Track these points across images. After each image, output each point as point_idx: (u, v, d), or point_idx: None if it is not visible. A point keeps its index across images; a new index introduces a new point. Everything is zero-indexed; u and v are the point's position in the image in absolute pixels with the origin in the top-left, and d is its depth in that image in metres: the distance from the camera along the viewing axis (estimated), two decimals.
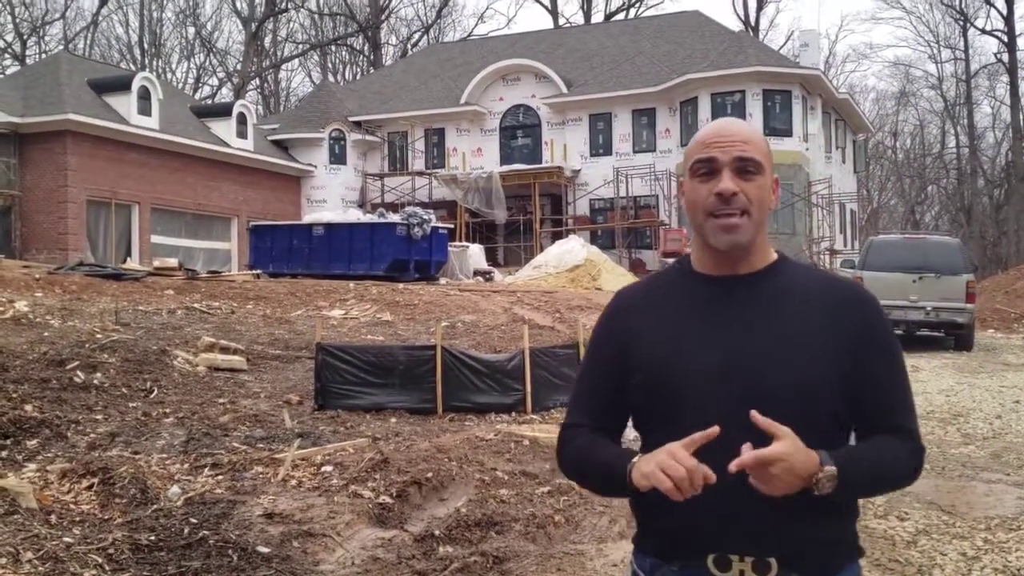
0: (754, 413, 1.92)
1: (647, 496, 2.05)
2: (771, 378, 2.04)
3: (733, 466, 1.91)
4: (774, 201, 2.17)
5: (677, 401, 2.10)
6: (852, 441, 2.12)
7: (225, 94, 63.61)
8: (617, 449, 2.18)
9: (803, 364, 2.05)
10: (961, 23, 62.43)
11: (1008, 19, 56.56)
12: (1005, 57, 57.85)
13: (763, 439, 1.93)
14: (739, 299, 2.14)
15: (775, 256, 2.21)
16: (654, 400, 2.15)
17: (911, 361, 2.08)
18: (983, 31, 61.46)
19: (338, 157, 40.30)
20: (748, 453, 1.91)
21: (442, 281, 25.85)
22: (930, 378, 14.00)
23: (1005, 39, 57.32)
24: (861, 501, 2.18)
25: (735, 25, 53.59)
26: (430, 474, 6.75)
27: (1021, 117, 57.39)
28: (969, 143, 63.70)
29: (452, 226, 32.92)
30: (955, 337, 18.86)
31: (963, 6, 61.81)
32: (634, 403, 2.21)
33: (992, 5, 59.25)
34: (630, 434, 2.33)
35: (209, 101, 54.36)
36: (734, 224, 2.09)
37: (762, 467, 1.90)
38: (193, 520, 5.67)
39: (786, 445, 1.91)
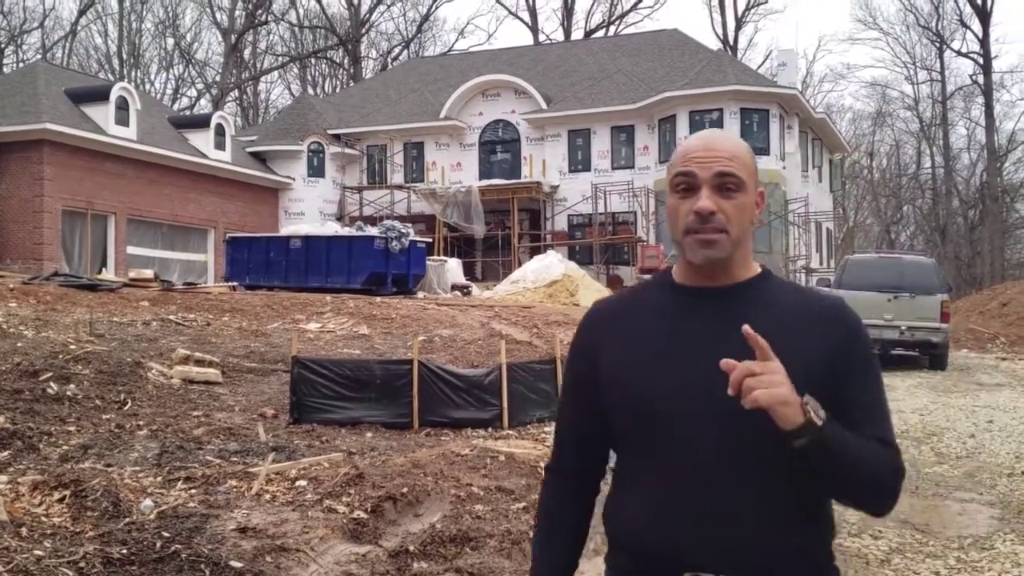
0: (746, 327, 1.87)
1: (620, 511, 2.06)
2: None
3: (723, 363, 1.87)
4: (758, 215, 2.08)
5: (648, 420, 2.03)
6: None
7: (204, 105, 63.50)
8: (550, 563, 2.22)
9: None
10: (937, 45, 63.14)
11: (984, 41, 57.16)
12: (981, 79, 58.43)
13: (738, 467, 1.92)
14: (713, 311, 2.05)
15: (758, 270, 2.12)
16: (622, 418, 2.09)
17: (885, 380, 2.12)
18: (959, 53, 62.00)
19: (316, 170, 40.23)
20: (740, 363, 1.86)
21: (420, 295, 25.81)
22: (904, 397, 14.07)
23: (981, 61, 57.92)
24: (836, 518, 2.09)
25: (714, 44, 53.93)
26: (405, 489, 6.72)
27: (996, 138, 58.12)
28: (944, 164, 64.22)
29: (430, 240, 33.00)
30: (929, 356, 18.99)
31: (939, 28, 62.57)
32: (608, 422, 2.13)
33: (968, 28, 59.99)
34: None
35: (187, 112, 54.18)
36: (711, 240, 2.00)
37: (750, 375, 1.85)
38: (166, 534, 5.62)
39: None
